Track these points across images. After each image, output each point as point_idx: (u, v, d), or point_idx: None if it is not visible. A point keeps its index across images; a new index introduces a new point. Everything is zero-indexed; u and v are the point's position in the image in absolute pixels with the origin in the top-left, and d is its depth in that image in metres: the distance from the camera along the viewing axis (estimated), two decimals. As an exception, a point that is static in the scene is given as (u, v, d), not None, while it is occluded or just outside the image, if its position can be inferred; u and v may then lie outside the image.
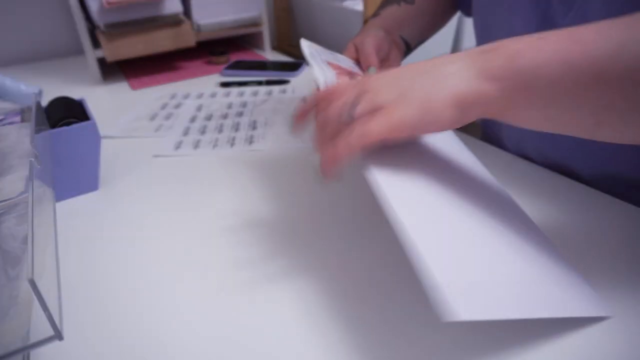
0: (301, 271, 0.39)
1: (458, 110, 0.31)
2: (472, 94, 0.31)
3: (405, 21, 0.61)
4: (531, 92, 0.29)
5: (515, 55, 0.30)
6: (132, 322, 0.35)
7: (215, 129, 0.68)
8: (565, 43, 0.29)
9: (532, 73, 0.29)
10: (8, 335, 0.26)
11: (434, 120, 0.31)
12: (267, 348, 0.32)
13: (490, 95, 0.30)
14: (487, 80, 0.30)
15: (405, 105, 0.31)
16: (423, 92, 0.31)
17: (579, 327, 0.32)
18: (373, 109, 0.32)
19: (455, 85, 0.31)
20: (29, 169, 0.33)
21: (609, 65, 0.27)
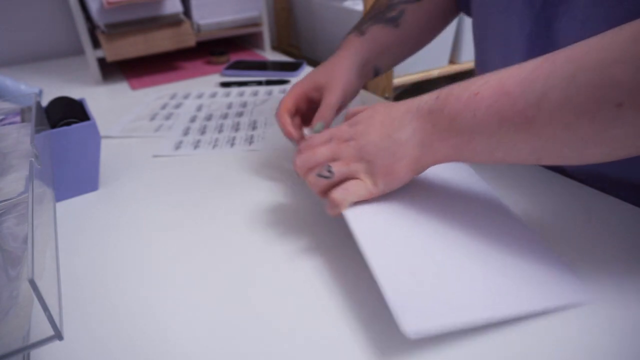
0: (303, 272, 0.39)
1: (417, 168, 0.39)
2: (424, 156, 0.38)
3: (387, 49, 0.59)
4: (474, 145, 0.35)
5: (455, 117, 0.35)
6: (132, 322, 0.35)
7: (215, 129, 0.68)
8: (495, 98, 0.33)
9: (470, 131, 0.34)
10: (8, 335, 0.26)
11: (397, 184, 0.39)
12: (267, 348, 0.32)
13: (440, 153, 0.37)
14: (435, 141, 0.37)
15: (375, 178, 0.39)
16: (385, 166, 0.38)
17: (559, 314, 0.33)
18: (348, 176, 0.40)
19: (410, 152, 0.38)
20: (29, 169, 0.33)
21: (534, 114, 0.31)
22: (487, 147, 0.34)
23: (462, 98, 0.35)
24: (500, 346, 0.31)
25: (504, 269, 0.35)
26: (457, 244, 0.37)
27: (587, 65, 0.29)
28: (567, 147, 0.31)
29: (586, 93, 0.29)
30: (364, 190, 0.39)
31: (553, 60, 0.31)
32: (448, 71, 1.30)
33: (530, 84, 0.32)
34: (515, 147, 0.33)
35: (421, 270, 0.34)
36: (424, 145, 0.37)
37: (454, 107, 0.35)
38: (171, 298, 0.37)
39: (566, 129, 0.30)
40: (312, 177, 0.41)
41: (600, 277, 0.36)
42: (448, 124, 0.35)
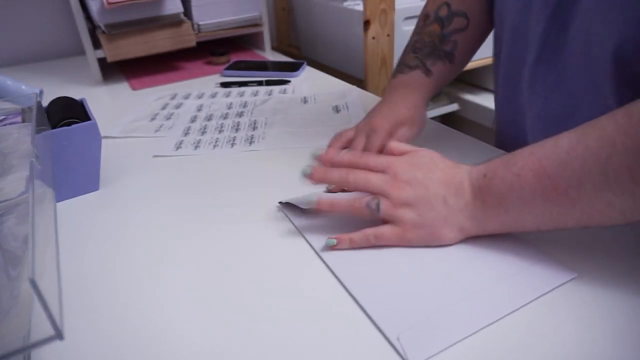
0: (303, 273, 0.39)
1: (461, 237, 0.40)
2: (472, 229, 0.39)
3: (445, 82, 0.61)
4: (522, 222, 0.37)
5: (502, 199, 0.37)
6: (133, 322, 0.35)
7: (216, 129, 0.68)
8: (538, 180, 0.35)
9: (518, 210, 0.37)
10: (9, 334, 0.27)
11: (439, 242, 0.40)
12: (265, 349, 0.32)
13: (488, 227, 0.39)
14: (485, 218, 0.38)
15: (418, 231, 0.40)
16: (434, 224, 0.39)
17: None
18: (392, 219, 0.40)
19: (459, 223, 0.39)
20: (30, 169, 0.33)
21: (576, 195, 0.33)
22: (534, 224, 0.37)
23: (507, 180, 0.37)
24: (495, 336, 0.31)
25: (487, 274, 0.37)
26: (431, 255, 0.39)
27: (620, 147, 0.31)
28: (611, 217, 0.33)
29: (624, 174, 0.31)
30: (398, 240, 0.40)
31: (586, 142, 0.33)
32: (448, 71, 1.30)
33: (568, 167, 0.34)
34: (561, 221, 0.35)
35: (406, 289, 0.36)
36: (474, 219, 0.39)
37: (500, 189, 0.37)
38: (172, 298, 0.37)
39: (608, 205, 0.32)
40: (358, 204, 0.41)
41: (601, 277, 0.36)
42: (497, 203, 0.37)
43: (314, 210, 0.44)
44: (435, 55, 0.59)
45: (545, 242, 0.40)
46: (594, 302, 0.34)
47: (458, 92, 1.48)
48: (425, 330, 0.32)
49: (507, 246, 0.39)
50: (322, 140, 0.62)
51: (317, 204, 0.42)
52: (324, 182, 0.43)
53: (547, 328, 0.32)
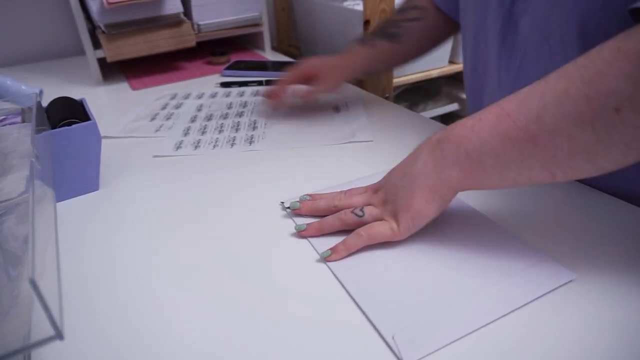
0: (304, 273, 0.39)
1: (436, 199, 0.38)
2: (438, 183, 0.38)
3: (385, 58, 0.68)
4: (484, 167, 0.36)
5: (462, 141, 0.36)
6: (133, 322, 0.35)
7: (216, 129, 0.68)
8: (497, 120, 0.35)
9: (478, 152, 0.35)
10: (9, 334, 0.27)
11: (422, 219, 0.39)
12: (264, 348, 0.32)
13: (453, 178, 0.37)
14: (445, 167, 0.37)
15: (398, 217, 0.40)
16: (405, 201, 0.39)
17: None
18: (377, 218, 0.41)
19: (424, 183, 0.38)
20: (30, 169, 0.33)
21: (536, 129, 0.32)
22: (497, 168, 0.35)
23: (467, 124, 0.37)
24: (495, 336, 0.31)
25: (485, 274, 0.37)
26: (430, 254, 0.39)
27: (577, 79, 0.31)
28: (576, 158, 0.32)
29: (581, 103, 0.30)
30: (388, 230, 0.40)
31: (546, 81, 0.33)
32: (448, 71, 1.30)
33: (527, 103, 0.33)
34: (524, 164, 0.34)
35: (403, 289, 0.36)
36: (435, 172, 0.38)
37: (460, 133, 0.37)
38: (172, 298, 0.37)
39: (569, 140, 0.31)
40: (344, 214, 0.42)
41: (600, 277, 0.36)
42: (455, 148, 0.37)
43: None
44: (378, 35, 0.67)
45: (544, 242, 0.40)
46: (592, 304, 0.34)
47: (458, 92, 1.48)
48: (420, 329, 0.32)
49: (507, 247, 0.39)
50: (321, 140, 0.62)
51: (307, 231, 0.43)
52: (312, 212, 0.45)
53: (544, 330, 0.32)
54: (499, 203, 0.46)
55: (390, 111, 0.72)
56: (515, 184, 0.36)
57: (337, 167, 0.56)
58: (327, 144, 0.61)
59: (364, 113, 0.70)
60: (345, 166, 0.55)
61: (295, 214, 0.46)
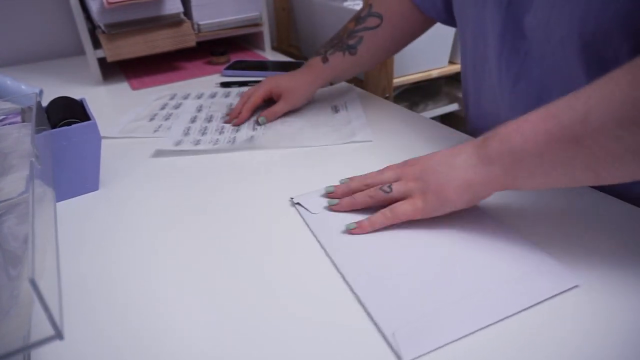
0: (307, 273, 0.39)
1: (469, 193, 0.39)
2: (478, 177, 0.39)
3: (344, 72, 0.71)
4: (527, 165, 0.36)
5: (505, 138, 0.37)
6: (133, 322, 0.35)
7: (217, 130, 0.68)
8: (542, 120, 0.35)
9: (521, 150, 0.36)
10: (8, 334, 0.27)
11: (448, 206, 0.41)
12: (266, 349, 0.32)
13: (493, 174, 0.38)
14: (487, 164, 0.38)
15: (426, 196, 0.41)
16: (439, 185, 0.40)
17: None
18: (404, 194, 0.42)
19: (462, 175, 0.39)
20: (30, 169, 0.33)
21: (581, 130, 0.33)
22: (539, 167, 0.36)
23: (511, 125, 0.38)
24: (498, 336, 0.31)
25: (490, 274, 0.36)
26: (434, 253, 0.39)
27: (624, 83, 0.31)
28: (623, 159, 0.32)
29: (628, 105, 0.31)
30: (411, 209, 0.41)
31: (593, 85, 0.34)
32: (448, 71, 1.30)
33: (573, 104, 0.34)
34: (568, 164, 0.34)
35: (406, 287, 0.36)
36: (476, 168, 0.39)
37: (505, 132, 0.38)
38: (172, 298, 0.37)
39: (615, 140, 0.32)
40: (373, 191, 0.44)
41: (600, 277, 0.36)
42: (499, 147, 0.38)
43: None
44: (337, 47, 0.68)
45: (550, 247, 0.39)
46: (595, 310, 0.33)
47: (458, 92, 1.48)
48: (421, 327, 0.32)
49: (514, 248, 0.39)
50: (321, 140, 0.62)
51: (338, 206, 0.45)
52: (347, 194, 0.47)
53: (547, 333, 0.32)
54: (504, 204, 0.46)
55: (390, 111, 0.72)
56: (556, 184, 0.36)
57: (336, 167, 0.56)
58: (326, 144, 0.61)
59: (363, 113, 0.70)
60: (345, 166, 0.55)
61: (307, 209, 0.46)
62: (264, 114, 0.68)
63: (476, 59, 0.58)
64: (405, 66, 1.23)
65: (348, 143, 0.61)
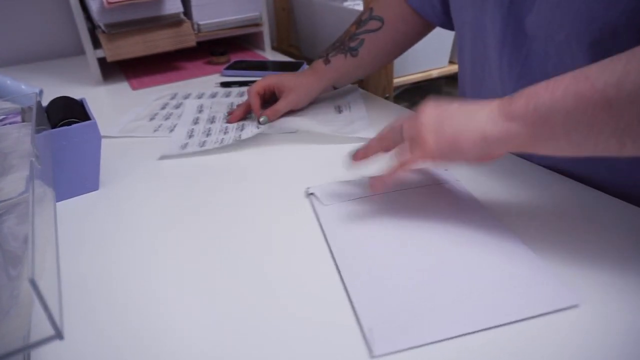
0: (307, 276, 0.39)
1: (483, 146, 0.37)
2: (496, 132, 0.36)
3: (347, 74, 0.70)
4: (551, 124, 0.34)
5: (533, 95, 0.35)
6: (132, 322, 0.35)
7: (220, 131, 0.68)
8: (574, 80, 0.33)
9: (548, 108, 0.34)
10: (8, 334, 0.26)
11: (460, 153, 0.38)
12: (266, 348, 0.32)
13: (513, 131, 0.36)
14: (510, 119, 0.36)
15: (438, 138, 0.38)
16: (454, 129, 0.38)
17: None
18: (415, 136, 0.40)
19: (481, 125, 0.37)
20: (30, 169, 0.33)
21: (614, 93, 0.31)
22: (564, 127, 0.34)
23: (541, 84, 0.35)
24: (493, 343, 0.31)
25: (485, 281, 0.36)
26: (435, 254, 0.39)
27: None
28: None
29: None
30: (420, 156, 0.39)
31: (632, 52, 0.32)
32: (448, 71, 1.30)
33: (609, 68, 0.32)
34: (594, 127, 0.32)
35: (398, 285, 0.36)
36: (495, 123, 0.37)
37: (533, 90, 0.36)
38: (172, 297, 0.37)
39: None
40: (383, 135, 0.44)
41: (600, 277, 0.36)
42: (525, 103, 0.35)
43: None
44: (339, 50, 0.68)
45: (551, 261, 0.37)
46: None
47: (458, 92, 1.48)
48: (401, 325, 0.32)
49: (514, 256, 0.38)
50: (325, 140, 0.62)
51: (355, 156, 0.47)
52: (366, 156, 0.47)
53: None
54: (502, 200, 0.45)
55: (391, 112, 0.72)
56: (576, 150, 0.35)
57: (340, 165, 0.55)
58: (330, 143, 0.61)
59: (366, 114, 0.70)
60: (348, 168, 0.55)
61: (321, 201, 0.47)
62: (265, 112, 0.67)
63: (475, 60, 0.58)
64: (405, 66, 1.23)
65: (352, 143, 0.61)
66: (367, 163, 0.47)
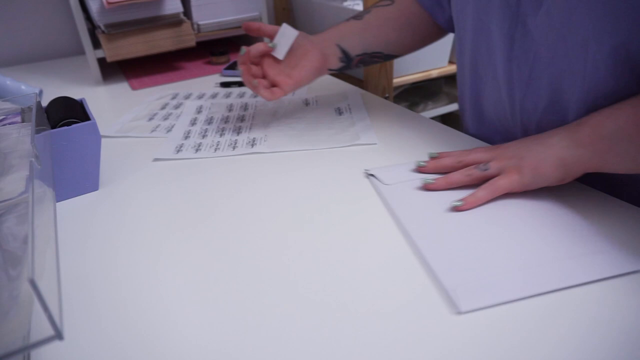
0: (305, 276, 0.39)
1: (562, 171, 0.43)
2: (570, 158, 0.42)
3: (350, 34, 0.68)
4: (616, 150, 0.40)
5: (598, 125, 0.41)
6: (132, 322, 0.35)
7: (217, 132, 0.67)
8: (635, 109, 0.39)
9: (612, 136, 0.40)
10: (9, 334, 0.26)
11: (543, 180, 0.44)
12: (267, 348, 0.32)
13: (584, 156, 0.42)
14: (580, 146, 0.42)
15: (522, 171, 0.44)
16: (534, 159, 0.44)
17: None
18: (500, 171, 0.45)
19: (557, 153, 0.43)
20: (30, 169, 0.33)
21: None
22: (629, 152, 0.40)
23: (604, 112, 0.42)
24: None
25: (553, 249, 0.39)
26: (503, 226, 0.42)
27: None
28: None
29: None
30: (509, 182, 0.44)
31: None
32: (447, 71, 1.30)
33: None
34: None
35: (472, 250, 0.39)
36: (569, 149, 0.42)
37: (597, 118, 0.42)
38: (172, 297, 0.37)
39: None
40: (471, 169, 0.47)
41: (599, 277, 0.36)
42: (591, 131, 0.41)
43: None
44: (350, 18, 0.70)
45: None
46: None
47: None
48: (481, 286, 0.35)
49: (584, 226, 0.41)
50: (324, 143, 0.62)
51: (435, 185, 0.47)
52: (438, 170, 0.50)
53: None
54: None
55: (392, 112, 0.72)
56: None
57: (341, 169, 0.56)
58: (331, 146, 0.61)
59: (367, 115, 0.70)
60: (350, 169, 0.55)
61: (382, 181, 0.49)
62: (273, 90, 0.63)
63: (477, 61, 0.58)
64: (405, 66, 1.23)
65: (352, 146, 0.61)
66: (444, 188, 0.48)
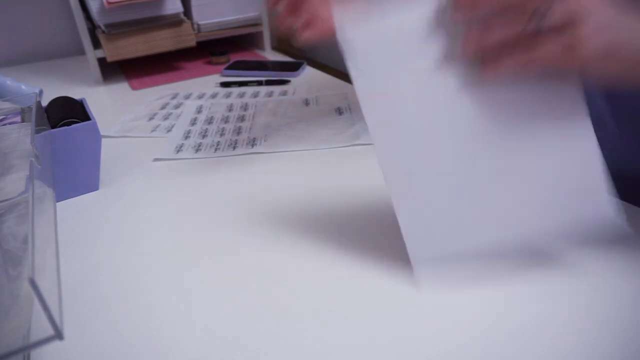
0: (305, 276, 0.39)
1: (608, 40, 0.27)
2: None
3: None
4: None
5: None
6: (132, 322, 0.35)
7: (217, 132, 0.68)
8: None
9: None
10: (8, 334, 0.26)
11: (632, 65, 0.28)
12: (268, 348, 0.32)
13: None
14: None
15: (588, 38, 0.26)
16: (614, 25, 0.27)
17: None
18: (570, 21, 0.26)
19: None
20: (30, 169, 0.33)
21: None
22: None
23: None
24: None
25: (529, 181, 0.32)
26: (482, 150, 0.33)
27: None
28: None
29: None
30: (561, 52, 0.27)
31: None
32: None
33: None
34: None
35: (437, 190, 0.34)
36: None
37: None
38: (172, 297, 0.37)
39: None
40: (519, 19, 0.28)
41: (599, 277, 0.36)
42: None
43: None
44: None
45: None
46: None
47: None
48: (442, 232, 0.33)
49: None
50: (325, 143, 0.62)
51: (466, 43, 0.30)
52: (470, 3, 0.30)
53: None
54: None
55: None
56: None
57: (341, 169, 0.56)
58: (331, 146, 0.61)
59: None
60: (350, 168, 0.55)
61: None
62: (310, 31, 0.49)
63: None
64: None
65: (352, 146, 0.61)
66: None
